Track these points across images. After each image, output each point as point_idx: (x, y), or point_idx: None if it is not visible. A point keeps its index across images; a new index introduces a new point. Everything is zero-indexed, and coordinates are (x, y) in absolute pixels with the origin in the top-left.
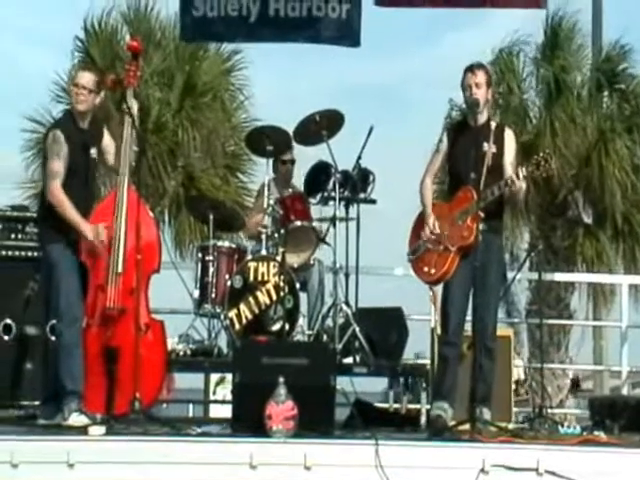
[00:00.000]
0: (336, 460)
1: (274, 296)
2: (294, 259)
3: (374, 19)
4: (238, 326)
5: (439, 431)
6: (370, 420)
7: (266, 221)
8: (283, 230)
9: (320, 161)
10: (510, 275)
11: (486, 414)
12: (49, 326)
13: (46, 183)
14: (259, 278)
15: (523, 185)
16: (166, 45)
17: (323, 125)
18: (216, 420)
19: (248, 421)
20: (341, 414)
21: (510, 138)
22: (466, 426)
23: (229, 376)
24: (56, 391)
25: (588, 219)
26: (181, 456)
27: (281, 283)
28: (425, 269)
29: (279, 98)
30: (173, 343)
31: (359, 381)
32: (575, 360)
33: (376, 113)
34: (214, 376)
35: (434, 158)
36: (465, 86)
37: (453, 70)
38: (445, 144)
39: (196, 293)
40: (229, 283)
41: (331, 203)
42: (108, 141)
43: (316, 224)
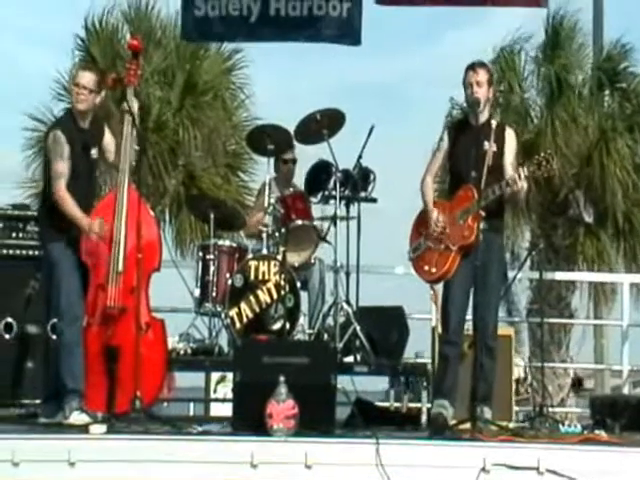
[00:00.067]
0: (337, 459)
1: (275, 295)
2: (295, 258)
3: (375, 17)
4: (239, 325)
5: (440, 430)
6: (371, 419)
7: (267, 220)
8: (284, 229)
9: (321, 160)
10: (511, 274)
11: (487, 413)
12: (50, 325)
13: (47, 182)
14: (260, 277)
15: (524, 185)
16: (167, 44)
17: (324, 124)
18: (217, 419)
19: (249, 420)
20: (342, 413)
21: (511, 137)
22: (467, 425)
23: (230, 375)
24: (57, 390)
25: (589, 218)
26: (182, 455)
27: (282, 282)
28: (426, 268)
29: (280, 97)
30: (174, 342)
31: (360, 380)
32: (576, 359)
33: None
34: (215, 375)
35: (435, 157)
36: (466, 84)
37: (454, 69)
38: (446, 143)
39: (197, 292)
40: (230, 282)
41: (332, 202)
42: (109, 139)
43: (317, 223)
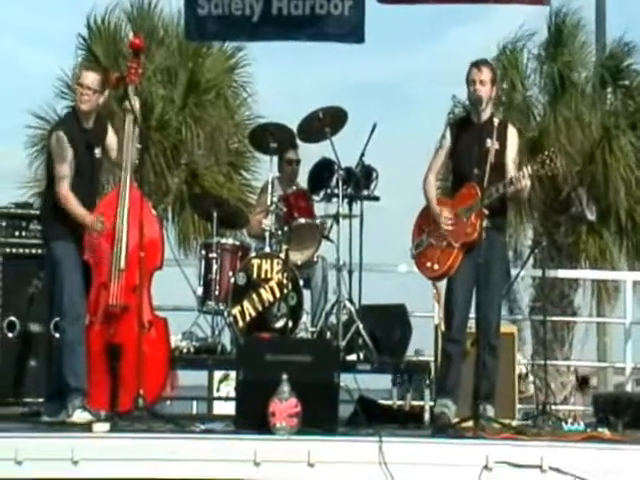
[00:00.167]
0: (340, 457)
1: (277, 293)
2: (297, 256)
3: (378, 15)
4: (242, 323)
5: (443, 428)
6: (374, 417)
7: (270, 218)
8: (287, 227)
9: (323, 158)
10: (514, 272)
11: (490, 411)
12: (53, 323)
13: (50, 181)
14: (262, 275)
15: (528, 183)
16: (169, 42)
17: (326, 122)
18: (220, 417)
19: (252, 418)
20: (345, 411)
21: (513, 135)
22: (470, 423)
23: (233, 373)
24: (60, 388)
25: (592, 216)
26: (185, 453)
27: (284, 280)
28: (428, 265)
29: (282, 95)
30: (177, 340)
31: (363, 378)
32: (579, 357)
33: (379, 110)
34: (218, 373)
35: (437, 155)
36: (469, 81)
37: (457, 66)
38: (448, 140)
39: (200, 290)
40: (233, 280)
41: (334, 200)
42: (111, 138)
43: (319, 221)
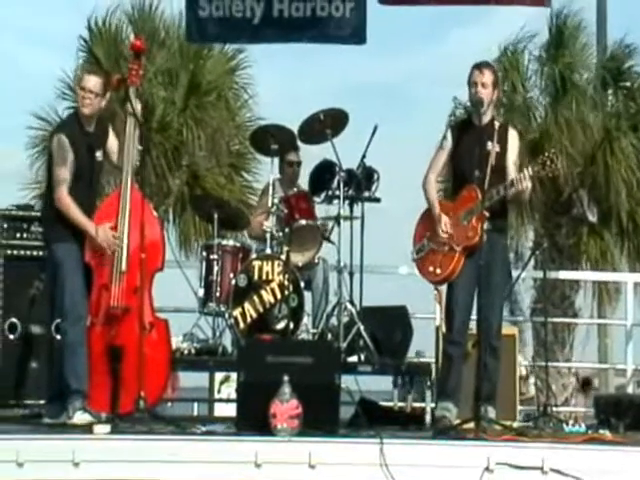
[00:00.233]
0: (341, 459)
1: (278, 295)
2: (299, 258)
3: (378, 17)
4: (243, 325)
5: (444, 429)
6: (375, 419)
7: (271, 220)
8: (288, 229)
9: (324, 160)
10: (515, 274)
11: (491, 413)
12: (54, 325)
13: (51, 184)
14: (264, 277)
15: (529, 185)
16: (170, 44)
17: (327, 124)
18: (221, 419)
19: (253, 420)
20: (346, 413)
21: (513, 138)
22: (471, 425)
23: (234, 375)
24: (61, 390)
25: (593, 217)
26: (186, 455)
27: (285, 282)
28: (430, 269)
29: (283, 97)
30: (177, 342)
31: (364, 379)
32: (580, 358)
33: (380, 112)
34: (219, 375)
35: (438, 155)
36: (471, 83)
37: (458, 68)
38: (449, 142)
39: (201, 292)
40: (234, 282)
41: (335, 202)
42: (112, 141)
43: (320, 223)
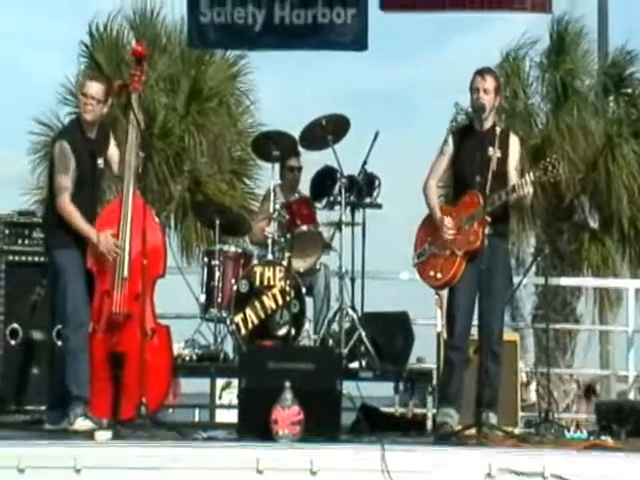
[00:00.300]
0: (342, 465)
1: (280, 301)
2: (300, 264)
3: (380, 23)
4: (244, 331)
5: (445, 435)
6: (376, 424)
7: (272, 226)
8: (289, 235)
9: (326, 166)
10: (516, 280)
11: (492, 419)
12: (55, 331)
13: (52, 190)
14: (265, 283)
15: (530, 190)
16: (172, 50)
17: (329, 130)
18: (222, 425)
19: (254, 426)
20: (347, 419)
21: (515, 143)
22: (472, 431)
23: (235, 381)
24: (62, 396)
25: (594, 224)
26: (187, 461)
27: (287, 288)
28: (431, 273)
29: (285, 103)
30: (179, 348)
31: (365, 385)
32: (582, 365)
33: (382, 118)
34: (220, 381)
35: (439, 160)
36: (473, 89)
37: (459, 74)
38: (451, 147)
39: (202, 298)
40: (235, 288)
41: (337, 208)
42: (113, 150)
43: (322, 229)
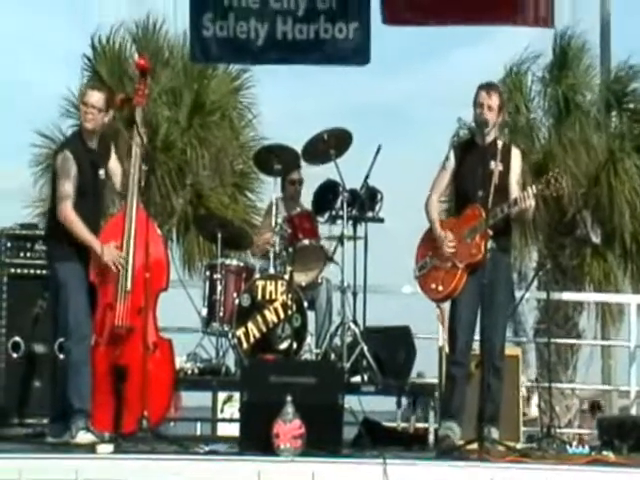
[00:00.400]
0: (344, 479)
1: (282, 315)
2: (302, 278)
3: (381, 37)
4: (246, 345)
5: (447, 450)
6: (378, 439)
7: (274, 240)
8: (291, 249)
9: (328, 180)
10: (518, 294)
11: (494, 433)
12: (57, 344)
13: (55, 202)
14: (267, 297)
15: (532, 203)
16: (174, 63)
17: (331, 144)
18: (224, 438)
19: (256, 440)
20: (349, 433)
21: (516, 157)
22: (474, 445)
23: (237, 394)
24: (64, 409)
25: (596, 239)
26: (189, 474)
27: (289, 302)
28: (433, 286)
29: (287, 117)
30: (181, 361)
31: (367, 400)
32: (584, 380)
33: (384, 132)
34: (222, 394)
35: (441, 175)
36: (477, 104)
37: (461, 88)
38: (452, 162)
39: (204, 311)
40: (237, 301)
41: (339, 222)
42: (114, 164)
43: (324, 243)
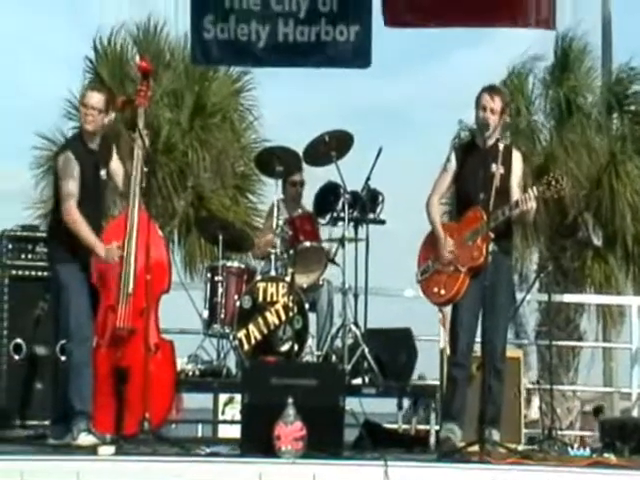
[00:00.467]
0: None
1: (283, 317)
2: (303, 279)
3: (382, 38)
4: (247, 346)
5: (448, 452)
6: (379, 441)
7: (275, 242)
8: (292, 250)
9: (329, 182)
10: (519, 296)
11: (495, 435)
12: (59, 346)
13: (57, 203)
14: (268, 298)
15: (534, 205)
16: (176, 65)
17: (332, 146)
18: (225, 440)
19: (257, 441)
20: (350, 435)
21: (517, 159)
22: (475, 447)
23: (238, 396)
24: (66, 411)
25: (598, 241)
26: (190, 476)
27: (290, 304)
28: (435, 290)
29: (288, 119)
30: (182, 363)
31: (368, 402)
32: (585, 382)
33: (385, 133)
34: (223, 396)
35: (441, 177)
36: (480, 106)
37: (461, 90)
38: (453, 164)
39: (205, 313)
40: (238, 303)
41: (340, 223)
42: (116, 165)
43: (325, 244)
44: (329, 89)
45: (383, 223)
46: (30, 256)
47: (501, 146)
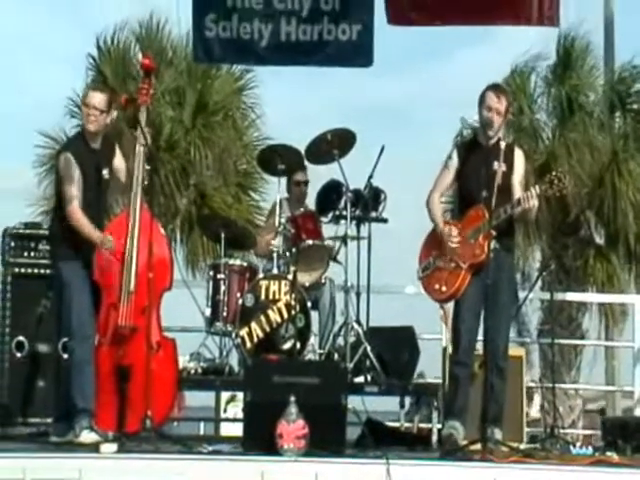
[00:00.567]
0: (347, 479)
1: (285, 315)
2: (305, 278)
3: (384, 37)
4: (249, 344)
5: (451, 451)
6: (381, 439)
7: (277, 240)
8: (294, 249)
9: (332, 180)
10: (522, 295)
11: (497, 434)
12: (61, 344)
13: (59, 202)
14: (270, 296)
15: (536, 203)
16: (178, 63)
17: (335, 144)
18: (227, 438)
19: (259, 440)
20: (352, 433)
21: (519, 157)
22: (477, 446)
23: (240, 394)
24: (68, 409)
25: (600, 240)
26: (192, 474)
27: (292, 302)
28: (436, 286)
29: (290, 117)
30: (184, 361)
31: (370, 400)
32: (587, 380)
33: (388, 132)
34: (225, 394)
35: (443, 175)
36: (484, 105)
37: (463, 88)
38: (455, 161)
39: (208, 311)
40: (240, 301)
41: (342, 222)
42: (119, 162)
43: (327, 243)
44: (331, 87)
45: (385, 221)
46: (33, 254)
47: (503, 144)
